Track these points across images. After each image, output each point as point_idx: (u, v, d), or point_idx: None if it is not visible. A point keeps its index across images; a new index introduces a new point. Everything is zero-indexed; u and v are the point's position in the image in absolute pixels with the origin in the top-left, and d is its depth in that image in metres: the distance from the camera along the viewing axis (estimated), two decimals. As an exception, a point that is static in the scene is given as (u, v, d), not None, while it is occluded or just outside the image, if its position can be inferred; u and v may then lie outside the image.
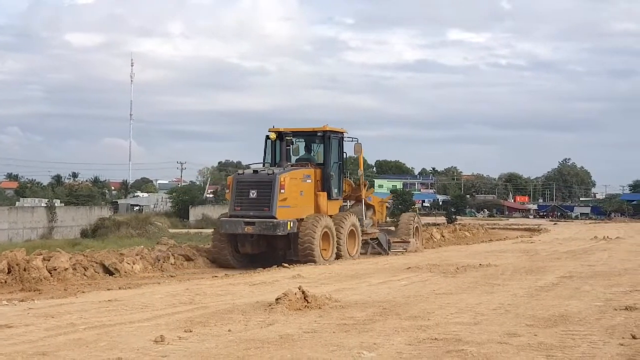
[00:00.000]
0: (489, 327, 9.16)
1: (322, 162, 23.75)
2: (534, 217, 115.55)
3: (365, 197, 25.57)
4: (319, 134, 23.79)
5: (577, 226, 61.02)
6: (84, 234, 45.95)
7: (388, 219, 28.32)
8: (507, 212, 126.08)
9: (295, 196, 21.91)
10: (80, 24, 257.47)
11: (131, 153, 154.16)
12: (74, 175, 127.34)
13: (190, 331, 8.96)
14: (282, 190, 21.29)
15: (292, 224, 21.36)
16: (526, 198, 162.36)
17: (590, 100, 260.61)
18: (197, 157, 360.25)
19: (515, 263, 19.37)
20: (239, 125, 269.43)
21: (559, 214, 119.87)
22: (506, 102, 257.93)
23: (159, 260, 20.03)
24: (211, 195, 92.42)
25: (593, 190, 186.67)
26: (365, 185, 26.04)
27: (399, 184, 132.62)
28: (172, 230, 44.98)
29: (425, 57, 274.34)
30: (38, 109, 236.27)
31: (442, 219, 69.56)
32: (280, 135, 23.26)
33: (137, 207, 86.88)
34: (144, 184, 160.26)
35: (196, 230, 47.94)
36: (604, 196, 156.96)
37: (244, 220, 21.29)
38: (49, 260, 17.37)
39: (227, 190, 23.20)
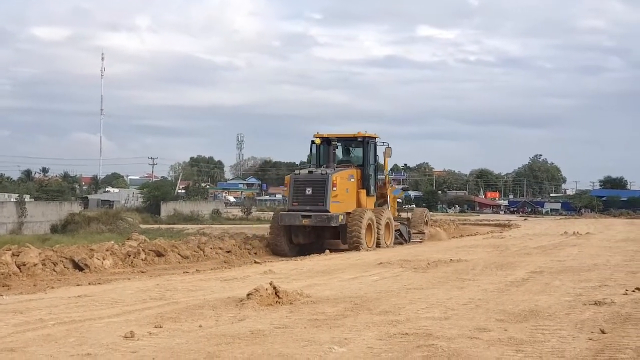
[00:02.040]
0: (459, 322, 9.19)
1: (361, 163, 27.22)
2: (505, 212, 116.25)
3: (390, 194, 29.03)
4: (358, 139, 27.48)
5: (548, 222, 61.44)
6: (54, 229, 45.54)
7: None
8: (478, 208, 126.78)
9: (343, 193, 25.42)
10: (47, 18, 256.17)
11: (102, 148, 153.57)
12: (44, 170, 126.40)
13: (161, 327, 8.91)
14: (334, 188, 24.82)
15: (342, 217, 24.82)
16: (497, 194, 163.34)
17: (560, 96, 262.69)
18: (169, 152, 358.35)
19: (485, 258, 19.46)
20: (210, 120, 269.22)
21: (529, 209, 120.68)
22: (476, 98, 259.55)
23: (130, 255, 19.91)
24: (183, 191, 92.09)
25: (563, 186, 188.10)
26: (390, 184, 29.73)
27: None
28: (143, 226, 44.69)
29: (394, 53, 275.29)
30: (5, 103, 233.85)
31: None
32: (325, 140, 26.91)
33: (107, 203, 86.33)
34: (114, 180, 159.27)
35: (167, 226, 47.70)
36: (574, 192, 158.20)
37: (301, 214, 24.65)
38: (18, 255, 17.21)
39: (285, 188, 27.26)
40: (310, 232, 25.77)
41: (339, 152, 27.76)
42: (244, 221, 62.69)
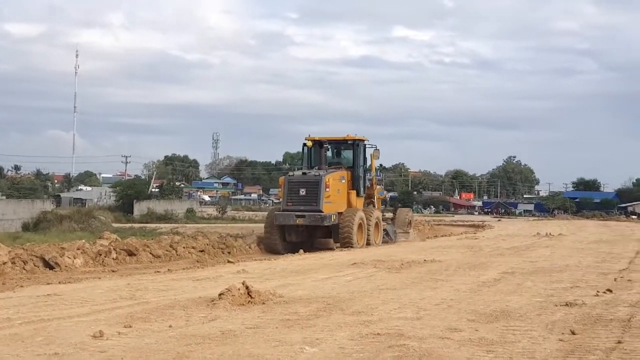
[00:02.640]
0: (431, 322, 9.19)
1: (350, 165, 28.45)
2: (479, 213, 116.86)
3: (376, 195, 30.14)
4: (349, 141, 28.72)
5: (521, 223, 61.76)
6: (26, 227, 45.10)
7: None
8: (452, 209, 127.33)
9: (335, 194, 26.55)
10: (21, 14, 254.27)
11: (75, 146, 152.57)
12: (17, 167, 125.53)
13: (130, 326, 8.83)
14: (327, 189, 25.95)
15: (334, 216, 26.06)
16: (471, 195, 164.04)
17: (534, 98, 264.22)
18: (142, 150, 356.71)
19: (459, 259, 19.50)
20: (184, 118, 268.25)
21: (503, 210, 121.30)
22: (451, 100, 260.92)
23: (101, 254, 19.77)
24: (157, 190, 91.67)
25: (537, 187, 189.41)
26: (376, 185, 30.56)
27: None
28: (115, 225, 44.38)
29: (370, 53, 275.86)
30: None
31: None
32: (316, 142, 27.95)
33: (80, 201, 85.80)
34: (87, 178, 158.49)
35: (140, 225, 47.39)
36: (547, 193, 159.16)
37: (295, 214, 25.67)
38: (-13, 254, 17.03)
39: (279, 189, 28.75)
40: (303, 231, 26.70)
41: (329, 154, 28.82)
42: (218, 220, 62.47)
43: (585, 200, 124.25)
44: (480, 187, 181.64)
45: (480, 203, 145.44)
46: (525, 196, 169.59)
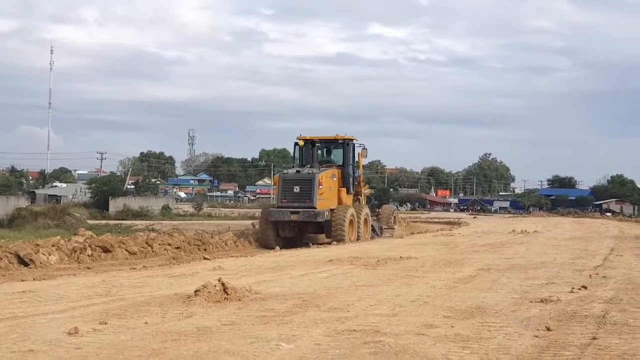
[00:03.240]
0: (407, 319, 9.20)
1: (340, 163, 29.71)
2: (455, 210, 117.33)
3: (363, 192, 31.53)
4: (339, 141, 29.93)
5: (496, 220, 62.09)
6: (0, 224, 44.84)
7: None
8: (429, 206, 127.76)
9: (327, 191, 27.69)
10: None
11: (50, 142, 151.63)
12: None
13: (106, 323, 8.78)
14: (320, 187, 27.10)
15: (327, 212, 27.18)
16: (447, 192, 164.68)
17: (508, 96, 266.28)
18: (118, 147, 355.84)
19: (434, 256, 19.55)
20: (159, 115, 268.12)
21: (478, 207, 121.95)
22: (427, 97, 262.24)
23: (76, 251, 19.65)
24: (132, 186, 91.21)
25: (512, 184, 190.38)
26: (363, 182, 32.19)
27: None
28: (90, 222, 44.11)
29: (345, 50, 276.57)
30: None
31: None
32: (308, 142, 29.03)
33: (55, 198, 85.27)
34: (62, 174, 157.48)
35: (116, 222, 47.15)
36: (522, 191, 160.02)
37: (290, 210, 26.81)
38: (-39, 250, 16.89)
39: (274, 186, 30.55)
40: (296, 227, 27.89)
41: (319, 153, 29.82)
42: (194, 217, 62.31)
43: (561, 198, 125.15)
44: (456, 184, 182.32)
45: (456, 200, 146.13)
46: (500, 193, 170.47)
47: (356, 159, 30.47)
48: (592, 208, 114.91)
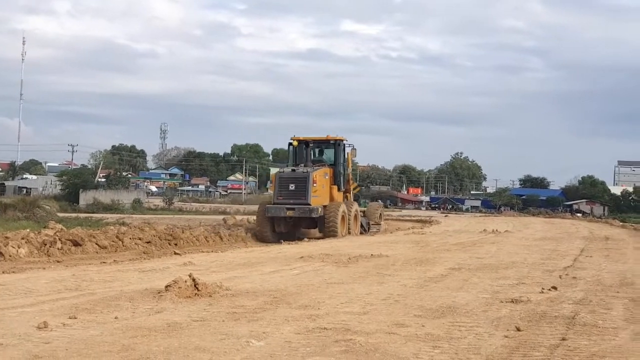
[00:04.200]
0: (377, 317, 9.21)
1: (332, 163, 31.67)
2: (426, 209, 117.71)
3: (352, 189, 33.46)
4: (331, 141, 31.86)
5: (468, 219, 62.30)
6: (-31, 216, 44.44)
7: None
8: (400, 204, 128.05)
9: (321, 189, 29.52)
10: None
11: (20, 134, 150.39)
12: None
13: (75, 318, 8.72)
14: (314, 184, 28.92)
15: (320, 209, 28.94)
16: (419, 190, 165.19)
17: (480, 94, 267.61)
18: (89, 139, 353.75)
19: (406, 254, 19.58)
20: (131, 108, 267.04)
21: (450, 206, 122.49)
22: (398, 94, 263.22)
23: (46, 244, 19.49)
24: (103, 180, 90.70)
25: (484, 183, 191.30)
26: (352, 180, 34.23)
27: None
28: (61, 215, 43.84)
29: (318, 46, 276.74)
30: None
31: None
32: (302, 142, 31.14)
33: (25, 190, 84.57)
34: (32, 166, 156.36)
35: (86, 215, 46.90)
36: (494, 190, 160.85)
37: (286, 207, 28.68)
38: None
39: (271, 184, 33.25)
40: (291, 222, 29.79)
41: (312, 153, 32.01)
42: (165, 211, 62.13)
43: (532, 198, 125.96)
44: (428, 182, 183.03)
45: (427, 198, 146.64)
46: (472, 192, 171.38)
47: (346, 158, 32.27)
48: (563, 208, 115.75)
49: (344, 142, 32.12)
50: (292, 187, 29.09)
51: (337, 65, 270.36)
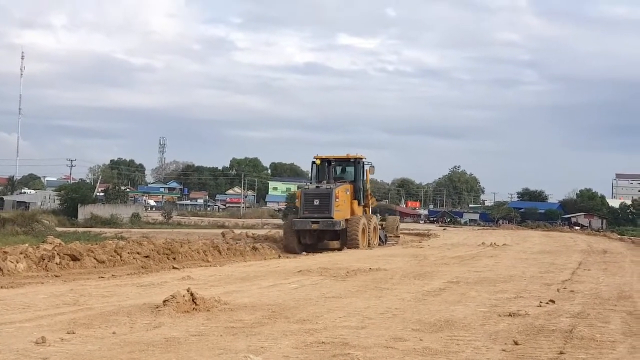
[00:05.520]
0: (375, 331, 9.21)
1: (352, 179, 33.77)
2: (425, 222, 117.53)
3: (370, 204, 35.69)
4: (351, 159, 34.17)
5: (466, 232, 62.24)
6: (-33, 230, 44.39)
7: None
8: (399, 217, 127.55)
9: (342, 203, 31.64)
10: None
11: (19, 148, 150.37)
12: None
13: (73, 333, 8.72)
14: (337, 199, 31.03)
15: (343, 222, 30.97)
16: (417, 203, 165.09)
17: (477, 108, 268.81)
18: (87, 154, 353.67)
19: (404, 268, 19.59)
20: (129, 122, 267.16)
21: (448, 219, 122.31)
22: (395, 108, 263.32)
23: (44, 259, 19.46)
24: (102, 194, 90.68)
25: (482, 197, 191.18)
26: (371, 196, 36.41)
27: (293, 187, 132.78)
28: (59, 229, 43.85)
29: (314, 60, 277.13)
30: None
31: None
32: (324, 160, 33.46)
33: (23, 204, 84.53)
34: (31, 181, 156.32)
35: (85, 229, 46.86)
36: (492, 203, 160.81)
37: (311, 220, 30.72)
38: None
39: (297, 200, 34.72)
40: (315, 234, 31.84)
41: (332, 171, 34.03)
42: (164, 225, 62.08)
43: (530, 211, 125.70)
44: (426, 195, 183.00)
45: (426, 212, 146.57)
46: (470, 205, 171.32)
47: (365, 174, 34.32)
48: (561, 222, 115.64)
49: (363, 160, 34.19)
50: (316, 202, 31.09)
51: (334, 78, 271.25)
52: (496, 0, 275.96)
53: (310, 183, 33.34)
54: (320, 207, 30.97)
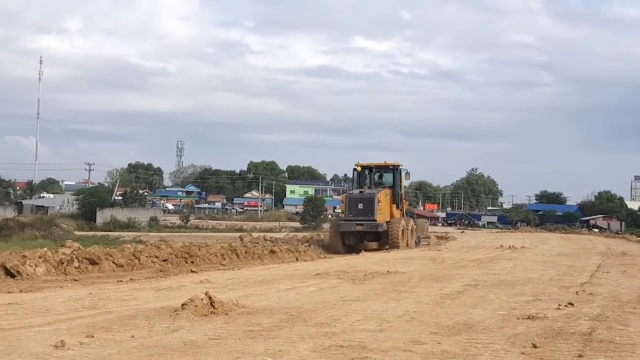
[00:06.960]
0: (393, 335, 9.20)
1: (391, 185, 36.48)
2: (443, 225, 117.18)
3: (406, 208, 38.64)
4: (390, 167, 36.90)
5: (484, 235, 62.07)
6: (-13, 234, 44.62)
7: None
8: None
9: (384, 207, 34.29)
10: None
11: (37, 153, 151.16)
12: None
13: (92, 336, 8.75)
14: (379, 203, 33.67)
15: (384, 224, 33.55)
16: (435, 206, 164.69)
17: (492, 110, 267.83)
18: (105, 158, 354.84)
19: (422, 270, 19.54)
20: (146, 126, 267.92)
21: (466, 222, 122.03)
22: (410, 110, 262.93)
23: (63, 263, 19.55)
24: (120, 198, 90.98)
25: (500, 199, 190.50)
26: (406, 200, 39.69)
27: (310, 190, 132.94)
28: (78, 233, 44.07)
29: (328, 63, 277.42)
30: None
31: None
32: (365, 168, 36.39)
33: (42, 209, 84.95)
34: (50, 185, 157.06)
35: (103, 233, 47.06)
36: (510, 205, 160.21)
37: (355, 223, 33.42)
38: (-53, 261, 16.78)
39: (342, 203, 37.42)
40: (357, 236, 34.32)
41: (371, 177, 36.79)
42: (182, 229, 62.25)
43: (548, 213, 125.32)
44: (444, 198, 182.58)
45: (444, 214, 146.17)
46: (488, 208, 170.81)
47: (402, 180, 36.89)
48: (580, 224, 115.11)
49: (400, 167, 36.67)
50: (360, 206, 33.69)
51: (348, 81, 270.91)
52: (510, 2, 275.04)
53: (353, 188, 36.07)
54: (364, 211, 33.46)
